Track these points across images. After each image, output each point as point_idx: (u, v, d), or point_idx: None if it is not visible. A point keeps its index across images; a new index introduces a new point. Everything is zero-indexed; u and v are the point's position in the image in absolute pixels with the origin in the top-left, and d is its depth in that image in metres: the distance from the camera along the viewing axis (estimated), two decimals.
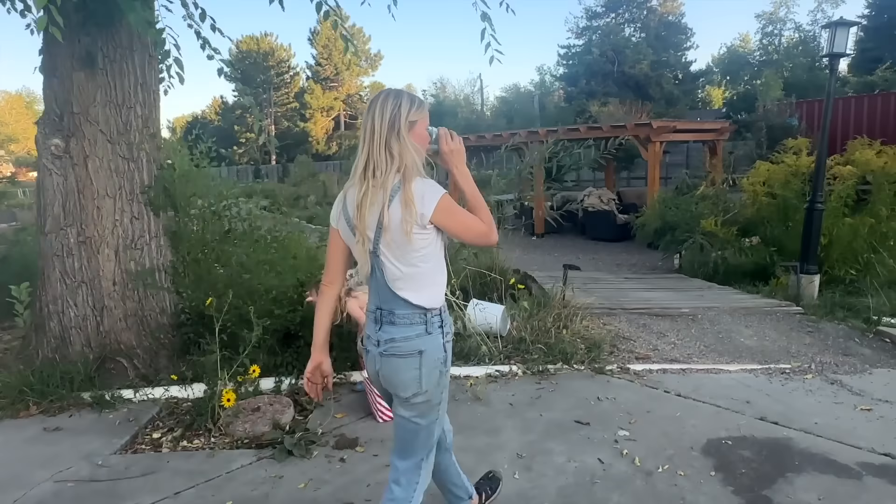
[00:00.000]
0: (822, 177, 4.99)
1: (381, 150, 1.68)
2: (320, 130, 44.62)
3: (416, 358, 1.73)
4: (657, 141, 10.78)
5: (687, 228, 7.13)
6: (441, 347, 1.77)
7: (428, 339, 1.73)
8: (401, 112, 1.71)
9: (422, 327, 1.73)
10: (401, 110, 1.71)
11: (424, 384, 1.75)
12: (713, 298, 5.29)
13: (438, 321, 1.76)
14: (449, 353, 1.80)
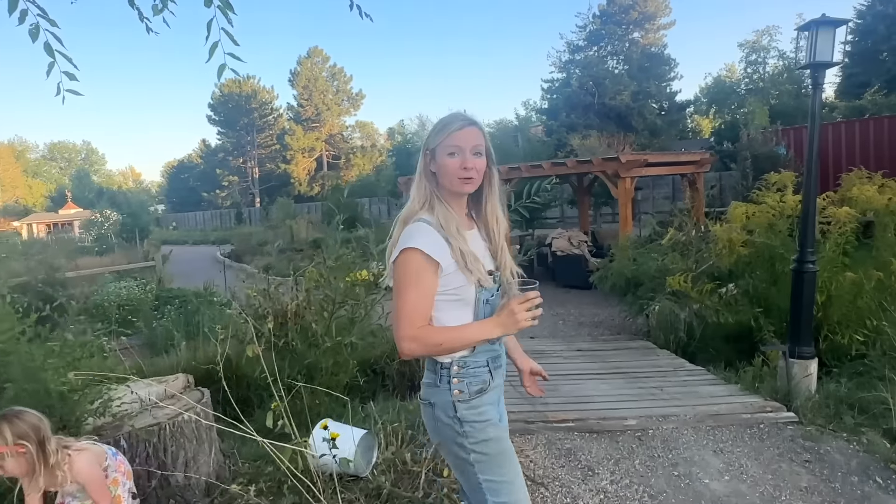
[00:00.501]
0: (812, 227, 3.69)
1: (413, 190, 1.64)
2: (302, 171, 43.76)
3: (429, 408, 1.65)
4: (627, 177, 9.55)
5: (653, 285, 5.82)
6: (450, 406, 1.59)
7: (436, 393, 1.62)
8: (424, 141, 1.62)
9: (434, 377, 1.63)
10: (425, 139, 1.62)
11: (439, 437, 1.65)
12: (676, 395, 3.81)
13: (448, 376, 1.60)
14: (466, 414, 1.57)
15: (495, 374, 1.65)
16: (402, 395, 5.53)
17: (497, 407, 1.69)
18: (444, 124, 1.59)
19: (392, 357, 5.64)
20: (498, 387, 1.68)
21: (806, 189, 3.67)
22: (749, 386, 3.95)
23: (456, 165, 1.54)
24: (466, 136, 1.56)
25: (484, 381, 1.62)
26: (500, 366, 1.69)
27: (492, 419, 1.61)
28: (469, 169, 1.56)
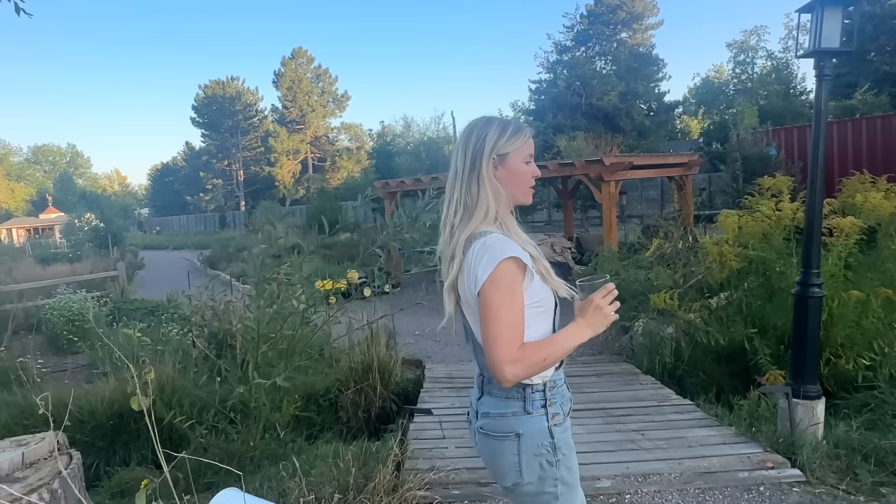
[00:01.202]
0: (818, 244, 3.13)
1: (461, 195, 1.46)
2: (287, 174, 43.03)
3: (514, 442, 1.43)
4: (611, 180, 9.01)
5: (636, 303, 5.26)
6: (546, 432, 1.44)
7: (526, 421, 1.43)
8: (486, 144, 1.45)
9: (519, 404, 1.44)
10: (486, 142, 1.45)
11: (526, 474, 1.43)
12: (660, 443, 3.16)
13: (542, 399, 1.45)
14: (560, 438, 1.45)
15: (563, 397, 1.52)
16: (358, 428, 4.94)
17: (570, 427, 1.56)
18: (517, 129, 1.49)
19: (345, 385, 5.05)
20: (565, 412, 1.52)
21: (810, 200, 3.11)
22: (745, 428, 3.38)
23: (530, 174, 1.50)
24: (532, 144, 1.52)
25: (569, 400, 1.52)
26: (566, 388, 1.56)
27: (567, 442, 1.50)
28: (536, 177, 1.53)
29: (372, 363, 5.12)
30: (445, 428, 3.55)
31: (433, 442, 3.32)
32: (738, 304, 5.20)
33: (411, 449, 3.22)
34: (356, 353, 5.20)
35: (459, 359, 6.30)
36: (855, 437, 3.14)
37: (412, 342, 7.39)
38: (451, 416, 3.86)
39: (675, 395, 4.18)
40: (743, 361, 5.12)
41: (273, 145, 42.58)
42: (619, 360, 5.30)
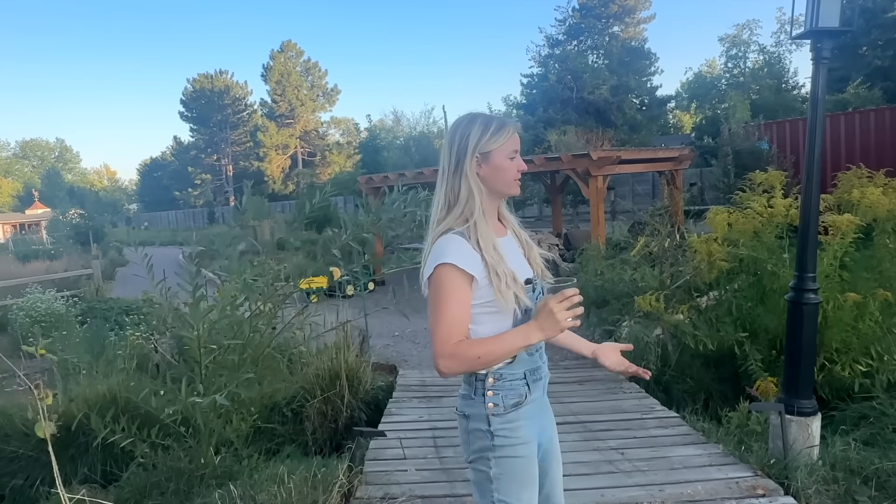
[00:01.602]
0: (814, 245, 2.84)
1: (446, 193, 1.53)
2: (276, 169, 42.53)
3: (463, 420, 1.56)
4: (598, 175, 8.73)
5: (620, 305, 4.97)
6: (484, 420, 1.50)
7: (471, 405, 1.53)
8: (469, 143, 1.50)
9: (469, 389, 1.55)
10: (469, 141, 1.51)
11: (467, 452, 1.56)
12: (640, 464, 2.85)
13: (483, 389, 1.51)
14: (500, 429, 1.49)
15: (533, 388, 1.55)
16: (325, 440, 4.63)
17: (537, 421, 1.59)
18: (500, 126, 1.54)
19: (311, 394, 4.74)
20: (536, 400, 1.57)
21: (805, 197, 2.82)
22: (734, 447, 3.09)
23: (515, 168, 1.55)
24: (518, 140, 1.57)
25: (520, 395, 1.53)
26: (540, 378, 1.59)
27: (524, 438, 1.52)
28: (521, 172, 1.58)
29: (340, 370, 4.82)
30: (408, 446, 3.25)
31: (393, 463, 3.02)
32: (728, 307, 4.92)
33: (367, 471, 2.91)
34: (323, 358, 4.90)
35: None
36: (853, 456, 2.86)
37: (390, 344, 7.09)
38: (417, 430, 3.56)
39: (660, 406, 3.90)
40: (733, 366, 4.85)
41: (262, 140, 42.06)
42: (601, 372, 5.01)
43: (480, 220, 1.50)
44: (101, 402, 3.69)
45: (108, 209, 62.20)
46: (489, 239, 1.50)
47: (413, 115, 40.73)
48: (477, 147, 1.50)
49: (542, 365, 1.60)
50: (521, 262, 1.59)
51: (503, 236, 1.60)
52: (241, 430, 3.66)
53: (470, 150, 1.50)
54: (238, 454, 4.08)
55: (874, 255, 4.65)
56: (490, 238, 1.51)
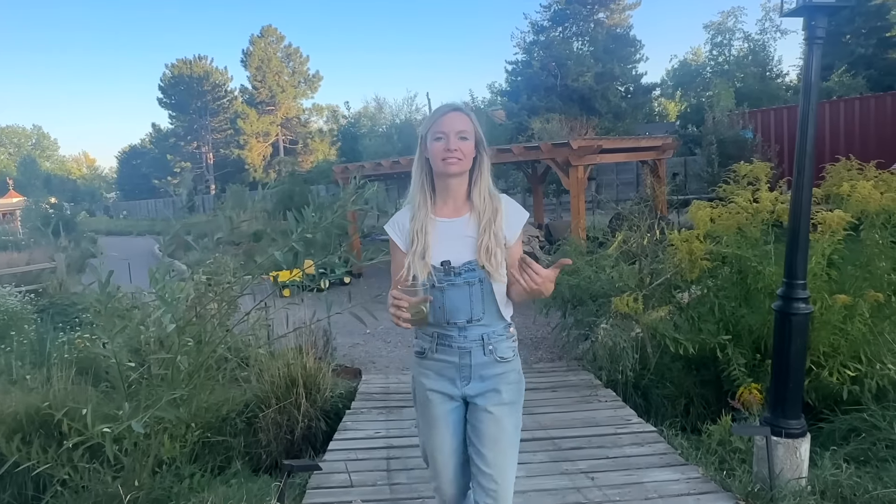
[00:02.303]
0: (805, 248, 2.54)
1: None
2: (257, 157, 41.76)
3: None
4: (579, 165, 8.42)
5: (596, 306, 4.67)
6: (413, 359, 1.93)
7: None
8: (420, 132, 1.82)
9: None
10: (421, 130, 1.81)
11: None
12: (611, 493, 2.55)
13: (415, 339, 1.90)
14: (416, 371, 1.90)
15: (442, 349, 1.82)
16: (278, 454, 4.30)
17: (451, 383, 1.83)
18: (432, 113, 1.80)
19: (266, 403, 4.40)
20: (445, 364, 1.82)
21: (796, 194, 2.52)
22: (715, 469, 2.81)
23: (440, 148, 1.71)
24: (450, 120, 1.72)
25: (422, 348, 1.87)
26: (449, 346, 1.81)
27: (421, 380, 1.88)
28: (453, 151, 1.71)
29: (297, 375, 4.48)
30: (358, 470, 2.93)
31: (337, 493, 2.70)
32: (711, 307, 4.64)
33: (307, 502, 2.59)
34: (279, 363, 4.56)
35: (405, 366, 5.68)
36: (845, 482, 2.58)
37: (360, 343, 6.76)
38: (370, 450, 3.24)
39: (637, 419, 3.61)
40: (715, 369, 4.60)
41: (242, 127, 41.21)
42: (579, 369, 4.73)
43: (420, 194, 1.81)
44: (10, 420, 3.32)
45: (86, 198, 61.00)
46: (420, 212, 1.80)
47: (396, 102, 40.05)
48: (420, 133, 1.80)
49: (455, 336, 1.80)
50: (453, 244, 1.78)
51: (456, 216, 1.82)
52: (175, 451, 3.31)
53: (420, 139, 1.80)
54: (180, 473, 3.75)
55: (863, 252, 4.39)
56: (422, 211, 1.80)
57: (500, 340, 1.83)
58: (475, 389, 1.82)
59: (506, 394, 1.82)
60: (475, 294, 1.76)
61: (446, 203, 1.81)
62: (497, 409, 1.80)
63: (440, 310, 1.76)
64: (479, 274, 1.75)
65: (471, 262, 1.75)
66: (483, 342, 1.80)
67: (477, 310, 1.77)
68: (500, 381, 1.82)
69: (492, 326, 1.81)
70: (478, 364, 1.81)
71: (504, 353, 1.83)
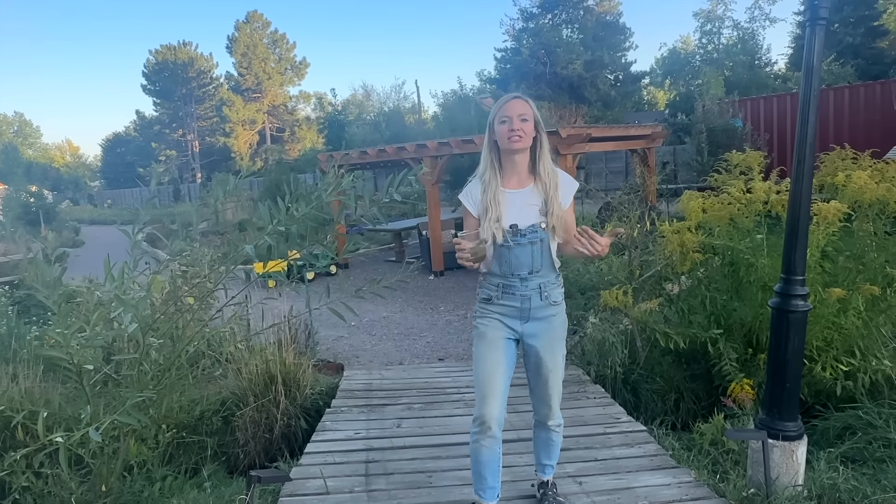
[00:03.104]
0: (804, 242, 2.41)
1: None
2: (243, 145, 41.23)
3: None
4: (568, 154, 8.27)
5: (585, 299, 4.55)
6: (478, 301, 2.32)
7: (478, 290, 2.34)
8: (489, 120, 2.19)
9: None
10: (489, 119, 2.19)
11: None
12: (598, 497, 2.45)
13: (479, 283, 2.33)
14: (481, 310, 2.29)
15: (506, 297, 2.22)
16: (256, 453, 4.15)
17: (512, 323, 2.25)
18: (499, 101, 2.17)
19: (243, 401, 4.24)
20: (509, 308, 2.23)
21: (795, 186, 2.38)
22: (708, 473, 2.69)
23: (506, 129, 2.10)
24: (513, 106, 2.11)
25: (488, 295, 2.26)
26: (513, 294, 2.21)
27: (485, 320, 2.27)
28: (516, 130, 2.09)
29: (276, 372, 4.32)
30: (334, 475, 2.78)
31: (314, 500, 2.55)
32: (702, 300, 4.53)
33: None
34: (257, 360, 4.39)
35: (389, 360, 5.54)
36: (843, 485, 2.48)
37: (345, 336, 6.60)
38: (349, 452, 3.09)
39: (626, 417, 3.49)
40: (705, 363, 4.49)
41: (228, 114, 40.63)
42: (568, 364, 4.59)
43: (490, 170, 2.19)
44: None
45: (69, 186, 60.01)
46: (492, 185, 2.18)
47: (384, 89, 39.57)
48: (489, 121, 2.18)
49: (517, 285, 2.20)
50: (520, 210, 2.17)
51: (519, 188, 2.21)
52: (143, 455, 3.15)
53: (488, 124, 2.19)
54: (151, 476, 3.59)
55: (857, 244, 4.29)
56: (493, 184, 2.18)
57: (553, 288, 2.26)
58: (532, 329, 2.25)
59: (557, 331, 2.31)
60: (536, 251, 2.17)
61: (511, 177, 2.21)
62: (552, 345, 2.29)
63: (507, 264, 2.18)
64: (541, 234, 2.17)
65: (534, 226, 2.16)
66: (540, 290, 2.21)
67: (537, 264, 2.19)
68: (553, 321, 2.27)
69: (547, 277, 2.23)
70: (536, 307, 2.22)
71: (556, 298, 2.27)
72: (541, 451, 2.51)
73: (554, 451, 2.49)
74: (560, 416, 2.45)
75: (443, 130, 27.60)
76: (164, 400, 3.33)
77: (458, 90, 26.38)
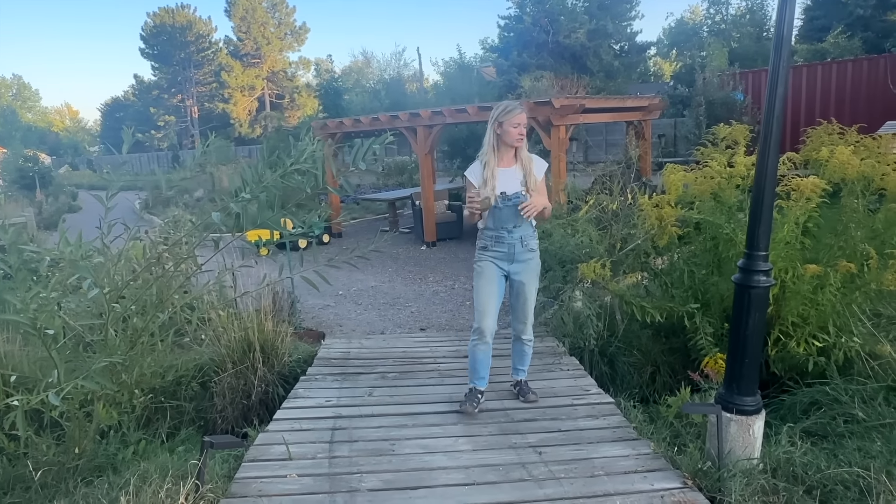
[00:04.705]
0: (768, 217, 2.38)
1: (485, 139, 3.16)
2: (242, 111, 40.82)
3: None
4: (561, 125, 8.17)
5: (564, 272, 4.53)
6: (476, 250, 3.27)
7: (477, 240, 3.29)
8: (493, 115, 3.10)
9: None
10: (493, 113, 3.11)
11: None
12: (558, 469, 2.45)
13: (478, 234, 3.27)
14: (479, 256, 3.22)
15: (497, 245, 3.15)
16: (234, 419, 4.19)
17: (502, 264, 3.18)
18: (511, 109, 3.09)
19: (221, 367, 4.27)
20: (500, 253, 3.16)
21: (761, 160, 2.34)
22: (667, 445, 2.71)
23: (517, 133, 3.06)
24: (522, 116, 3.10)
25: (484, 244, 3.20)
26: (503, 243, 3.14)
27: (482, 262, 3.20)
28: (523, 135, 3.10)
29: (254, 339, 4.34)
30: (299, 441, 2.81)
31: (273, 467, 2.58)
32: (680, 275, 4.51)
33: (237, 479, 2.47)
34: (236, 327, 4.41)
35: (372, 329, 5.56)
36: (798, 459, 2.50)
37: (331, 305, 6.62)
38: (316, 419, 3.12)
39: (595, 389, 3.51)
40: (683, 337, 4.50)
41: (227, 80, 40.12)
42: (545, 335, 4.62)
43: (492, 153, 3.09)
44: None
45: (69, 151, 59.56)
46: (491, 163, 3.08)
47: (384, 56, 38.88)
48: (497, 119, 3.05)
49: (505, 237, 3.11)
50: (508, 182, 3.07)
51: (507, 167, 3.12)
52: (113, 419, 3.18)
53: (494, 121, 3.07)
54: (126, 440, 3.64)
55: (840, 220, 4.24)
56: (492, 162, 3.08)
57: (531, 238, 3.19)
58: (516, 268, 3.17)
59: (532, 270, 3.22)
60: (518, 211, 3.01)
61: (503, 159, 3.11)
62: (528, 280, 3.20)
63: (498, 220, 3.08)
64: (523, 199, 3.03)
65: (518, 193, 3.05)
66: (521, 239, 3.13)
67: (521, 220, 3.07)
68: (531, 262, 3.21)
69: (527, 230, 3.15)
70: (518, 252, 3.14)
71: (533, 246, 3.21)
72: (516, 360, 3.42)
73: (526, 360, 3.39)
74: (531, 333, 3.32)
75: (443, 100, 27.24)
76: (136, 365, 3.35)
77: (459, 58, 25.90)
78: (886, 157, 4.09)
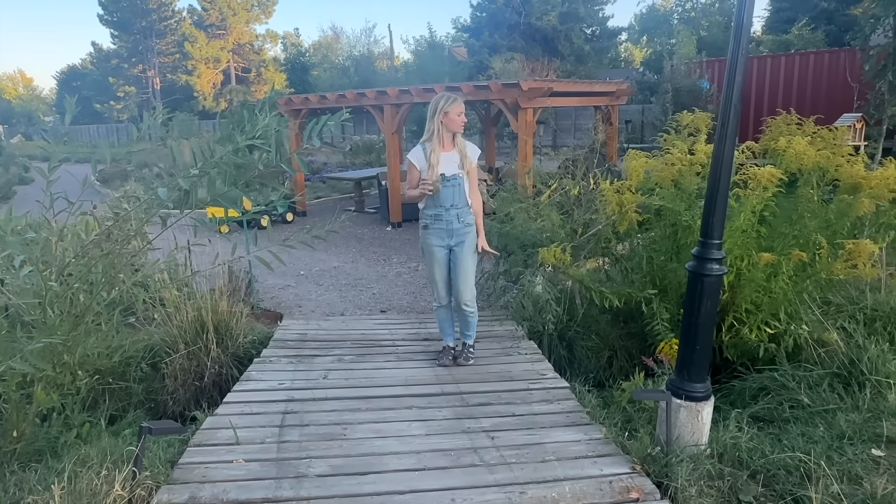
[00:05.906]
0: (723, 206, 2.38)
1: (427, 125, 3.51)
2: (207, 84, 39.62)
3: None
4: (528, 108, 8.13)
5: (525, 256, 4.52)
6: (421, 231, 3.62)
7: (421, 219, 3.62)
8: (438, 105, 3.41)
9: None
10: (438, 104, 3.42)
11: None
12: (509, 455, 2.44)
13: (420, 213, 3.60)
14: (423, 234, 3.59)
15: (437, 222, 3.52)
16: (186, 401, 4.09)
17: (442, 239, 3.55)
18: (454, 99, 3.43)
19: (173, 347, 4.15)
20: (440, 230, 3.53)
21: (717, 148, 2.34)
22: (618, 431, 2.73)
23: (460, 121, 3.45)
24: (463, 106, 3.49)
25: (426, 223, 3.56)
26: (441, 220, 3.51)
27: (427, 240, 3.58)
28: (464, 122, 3.51)
29: (207, 320, 4.23)
30: (247, 426, 2.75)
31: (219, 452, 2.51)
32: (639, 261, 4.55)
33: (181, 464, 2.40)
34: (188, 307, 4.28)
35: (332, 310, 5.48)
36: (744, 444, 2.54)
37: (291, 285, 6.51)
38: (267, 403, 3.05)
39: (552, 373, 3.52)
40: (641, 322, 4.55)
41: (190, 51, 38.81)
42: (504, 319, 4.61)
43: (435, 138, 3.43)
44: None
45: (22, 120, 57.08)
46: (434, 147, 3.41)
47: (353, 32, 38.09)
48: (442, 108, 3.39)
49: (443, 215, 3.49)
50: (448, 165, 3.44)
51: (448, 151, 3.47)
52: (52, 402, 3.05)
53: (438, 110, 3.41)
54: (69, 423, 3.51)
55: (796, 209, 4.32)
56: (435, 147, 3.42)
57: (466, 215, 3.52)
58: (455, 241, 3.52)
59: (468, 243, 3.54)
60: (456, 191, 3.44)
61: (444, 144, 3.44)
62: (465, 251, 3.53)
63: (438, 199, 3.42)
64: (459, 180, 3.45)
65: (456, 175, 3.44)
66: (458, 216, 3.48)
67: (457, 199, 3.45)
68: (466, 236, 3.53)
69: (463, 208, 3.50)
70: (455, 228, 3.49)
71: (469, 222, 3.53)
72: (462, 326, 3.75)
73: (470, 326, 3.70)
74: (474, 303, 3.63)
75: (413, 79, 26.82)
76: (80, 345, 3.22)
77: (430, 37, 25.56)
78: (841, 149, 4.17)
